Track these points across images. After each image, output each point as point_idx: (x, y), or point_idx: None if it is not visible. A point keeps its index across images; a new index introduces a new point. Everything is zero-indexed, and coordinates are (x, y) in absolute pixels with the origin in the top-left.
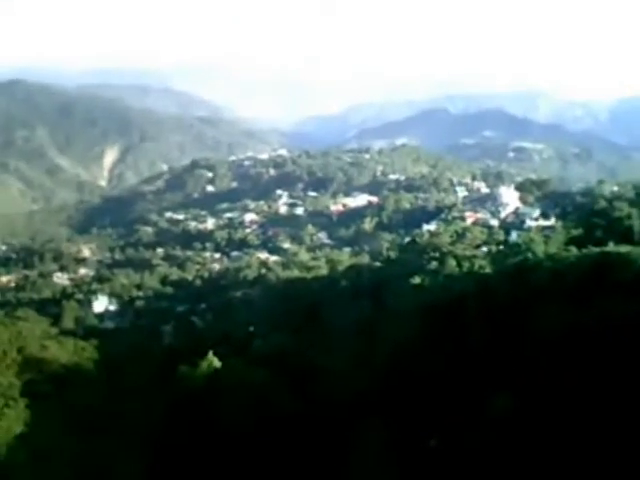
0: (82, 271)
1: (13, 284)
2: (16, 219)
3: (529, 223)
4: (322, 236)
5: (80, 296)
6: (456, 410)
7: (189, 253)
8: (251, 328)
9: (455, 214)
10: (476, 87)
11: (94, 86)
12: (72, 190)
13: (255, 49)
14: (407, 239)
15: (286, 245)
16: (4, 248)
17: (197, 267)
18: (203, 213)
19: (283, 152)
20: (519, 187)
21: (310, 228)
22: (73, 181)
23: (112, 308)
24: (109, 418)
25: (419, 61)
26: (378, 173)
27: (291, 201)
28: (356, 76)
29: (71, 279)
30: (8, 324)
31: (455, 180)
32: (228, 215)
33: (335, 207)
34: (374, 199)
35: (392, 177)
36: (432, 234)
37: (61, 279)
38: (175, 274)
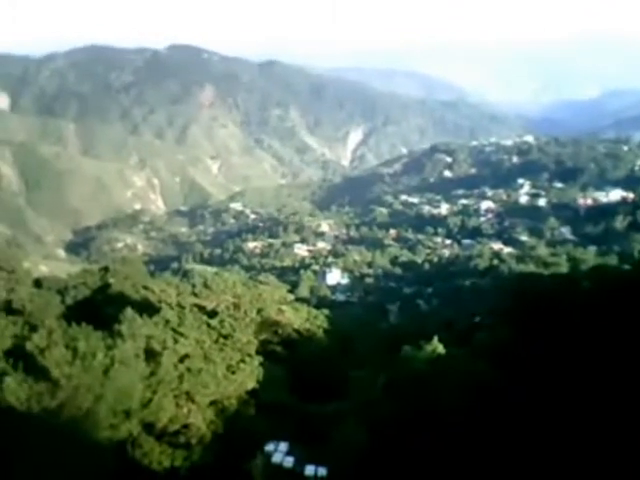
0: (320, 244)
1: (259, 250)
2: (266, 192)
3: None
4: (565, 231)
5: (316, 267)
6: None
7: (420, 237)
8: (477, 319)
9: None
10: None
11: (343, 69)
12: (317, 168)
13: (508, 28)
14: None
15: (523, 237)
16: (253, 217)
17: (427, 251)
18: (438, 198)
19: (529, 138)
20: None
21: (552, 221)
22: (319, 160)
23: (343, 282)
24: (334, 384)
25: None
26: (637, 167)
27: (533, 191)
28: (616, 58)
29: (309, 251)
30: (251, 287)
31: None
32: (463, 202)
33: (583, 201)
34: (630, 195)
35: None
36: None
37: (301, 250)
38: (405, 256)
